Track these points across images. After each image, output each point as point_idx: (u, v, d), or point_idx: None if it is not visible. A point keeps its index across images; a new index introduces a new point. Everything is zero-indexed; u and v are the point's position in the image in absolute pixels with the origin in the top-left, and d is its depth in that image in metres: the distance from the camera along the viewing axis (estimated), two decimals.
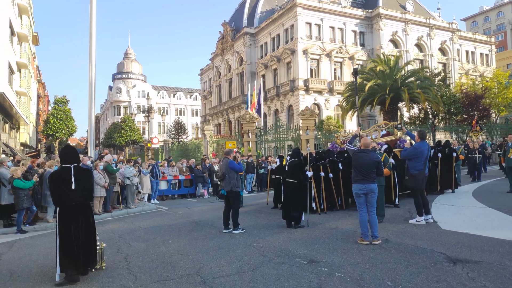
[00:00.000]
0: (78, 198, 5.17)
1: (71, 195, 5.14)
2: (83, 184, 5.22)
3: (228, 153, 8.54)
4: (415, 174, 7.71)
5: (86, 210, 5.34)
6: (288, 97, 40.28)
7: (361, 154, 6.53)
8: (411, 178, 7.82)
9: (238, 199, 8.23)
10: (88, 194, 5.33)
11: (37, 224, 9.80)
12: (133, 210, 12.19)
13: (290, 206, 8.05)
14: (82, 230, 5.18)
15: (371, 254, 5.71)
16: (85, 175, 5.35)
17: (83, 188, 5.22)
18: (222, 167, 8.28)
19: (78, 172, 5.26)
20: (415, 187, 7.77)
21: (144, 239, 7.63)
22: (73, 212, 5.18)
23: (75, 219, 5.17)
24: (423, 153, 7.74)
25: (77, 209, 5.21)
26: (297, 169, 8.19)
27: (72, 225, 5.13)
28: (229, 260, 5.75)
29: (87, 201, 5.35)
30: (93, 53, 14.64)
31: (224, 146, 27.98)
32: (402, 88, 26.50)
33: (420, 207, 7.76)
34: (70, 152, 5.42)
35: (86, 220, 5.29)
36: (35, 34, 44.33)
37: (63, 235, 5.12)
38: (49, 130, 38.26)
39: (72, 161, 5.32)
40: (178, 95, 79.83)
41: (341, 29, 41.65)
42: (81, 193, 5.20)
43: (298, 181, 8.12)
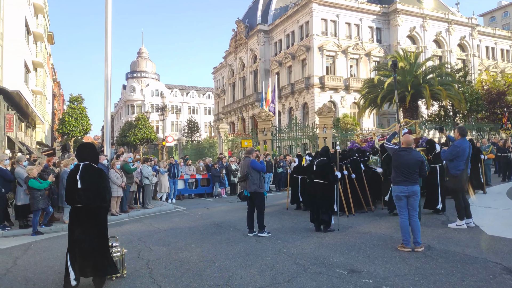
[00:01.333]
0: (84, 199, 4.72)
1: (77, 195, 4.73)
2: (90, 184, 4.75)
3: (250, 152, 8.07)
4: (457, 175, 7.11)
5: (96, 214, 4.83)
6: (303, 94, 39.65)
7: (403, 153, 5.98)
8: (452, 179, 7.21)
9: (263, 200, 7.73)
10: (95, 195, 4.75)
11: (54, 225, 9.48)
12: (151, 210, 11.82)
13: (319, 209, 7.53)
14: (86, 235, 4.70)
15: (417, 264, 5.17)
16: (94, 174, 4.85)
17: (90, 189, 4.74)
18: (243, 167, 7.82)
19: (86, 171, 4.81)
20: (458, 189, 7.16)
21: (165, 243, 7.21)
22: (80, 214, 4.75)
23: (81, 221, 4.73)
24: (464, 151, 7.12)
25: (85, 211, 4.75)
26: (326, 169, 7.66)
27: (75, 229, 4.71)
28: (260, 269, 5.28)
29: (95, 203, 4.77)
30: (109, 50, 14.34)
31: (239, 144, 27.55)
32: (423, 85, 25.72)
33: (461, 210, 7.18)
34: (82, 150, 5.05)
35: (95, 224, 4.79)
36: (50, 33, 44.57)
37: (69, 237, 4.77)
38: (64, 129, 38.38)
39: (84, 159, 4.92)
40: (191, 93, 79.79)
41: (357, 25, 40.82)
42: (88, 193, 4.72)
43: (328, 182, 7.60)
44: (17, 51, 25.65)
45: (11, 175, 9.04)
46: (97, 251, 4.74)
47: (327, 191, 7.62)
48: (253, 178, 7.58)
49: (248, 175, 7.61)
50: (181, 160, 15.95)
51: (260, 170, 7.70)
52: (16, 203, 9.04)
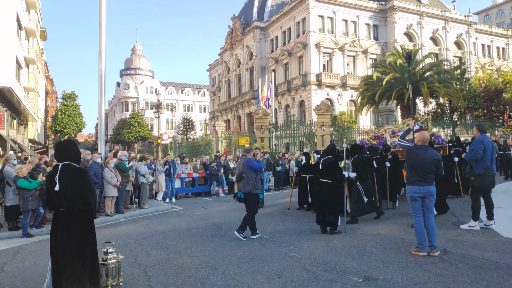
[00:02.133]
0: (64, 203, 4.18)
1: (56, 199, 4.19)
2: (69, 186, 4.20)
3: (248, 151, 7.62)
4: (482, 173, 6.67)
5: (81, 218, 4.31)
6: (300, 92, 39.28)
7: (419, 151, 5.62)
8: (478, 178, 6.75)
9: (257, 201, 7.31)
10: (76, 198, 4.21)
11: (45, 226, 9.02)
12: (147, 210, 11.40)
13: (326, 210, 7.17)
14: (70, 241, 4.23)
15: (436, 270, 4.82)
16: (74, 175, 4.29)
17: (70, 191, 4.19)
18: (239, 166, 7.39)
19: (65, 172, 4.25)
20: (485, 187, 6.75)
21: (163, 246, 6.82)
22: (61, 219, 4.26)
23: (64, 227, 4.23)
24: (488, 146, 6.67)
25: (67, 216, 4.25)
26: (333, 168, 7.30)
27: (58, 235, 4.23)
28: (267, 276, 4.91)
29: (76, 207, 4.23)
30: (103, 45, 13.87)
31: (236, 142, 27.17)
32: (421, 82, 25.48)
33: (477, 211, 6.83)
34: (60, 149, 4.46)
35: (79, 229, 4.28)
36: (42, 29, 43.78)
37: (51, 245, 4.29)
38: (57, 126, 37.74)
39: (62, 159, 4.35)
40: (186, 91, 79.15)
41: (354, 22, 40.49)
42: (68, 196, 4.17)
43: (335, 182, 7.24)
44: (8, 46, 25.01)
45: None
46: (86, 258, 4.29)
47: (334, 191, 7.25)
48: (248, 178, 7.14)
49: (243, 175, 7.18)
50: (177, 158, 15.52)
51: (257, 169, 7.25)
52: (5, 203, 8.58)
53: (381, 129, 14.97)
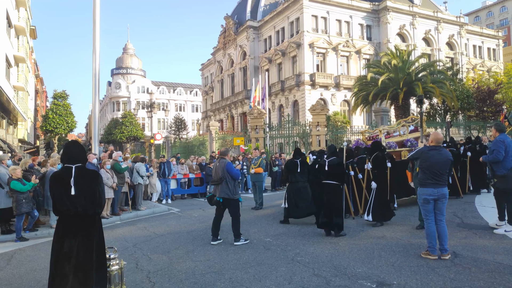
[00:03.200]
0: (78, 207, 3.97)
1: (69, 203, 3.95)
2: (86, 190, 4.01)
3: (225, 153, 7.40)
4: (505, 174, 6.46)
5: (90, 224, 4.09)
6: (294, 92, 39.20)
7: (433, 152, 5.48)
8: (502, 180, 6.52)
9: (238, 207, 7.03)
10: (92, 202, 4.04)
11: (39, 229, 8.76)
12: (143, 212, 11.16)
13: (333, 212, 7.01)
14: (80, 248, 4.01)
15: (450, 274, 4.70)
16: (90, 178, 4.10)
17: (86, 195, 4.00)
18: (218, 170, 7.06)
19: (81, 175, 4.04)
20: (509, 188, 6.50)
21: (164, 250, 6.61)
22: (71, 225, 4.00)
23: (72, 233, 3.98)
24: (510, 146, 6.44)
25: (77, 221, 4.01)
26: (341, 169, 7.17)
27: (65, 241, 3.96)
28: (277, 282, 4.74)
29: (92, 211, 4.06)
30: (97, 43, 13.56)
31: (231, 142, 26.96)
32: (415, 82, 25.52)
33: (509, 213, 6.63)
34: (73, 149, 4.18)
35: (89, 235, 4.05)
36: (32, 27, 43.09)
37: (54, 252, 4.00)
38: (48, 126, 37.06)
39: (76, 161, 4.10)
40: (178, 90, 78.62)
41: (347, 22, 40.54)
42: (83, 200, 3.97)
43: (340, 183, 7.11)
44: None
45: None
46: (96, 265, 4.08)
47: (339, 193, 7.12)
48: (228, 183, 6.91)
49: (223, 179, 6.91)
50: (173, 159, 15.27)
51: (234, 177, 7.00)
52: None
53: (376, 129, 14.92)
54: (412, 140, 11.47)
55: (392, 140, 11.93)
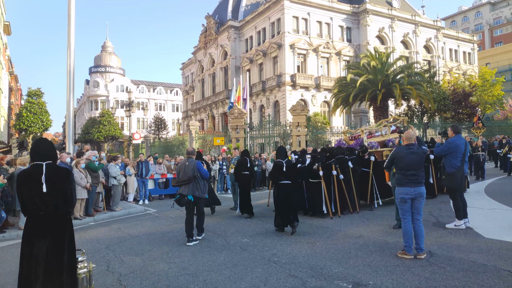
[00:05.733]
0: (49, 206, 3.80)
1: (40, 201, 3.77)
2: (57, 188, 3.85)
3: (193, 153, 7.52)
4: (451, 172, 6.86)
5: (61, 223, 3.91)
6: (275, 92, 39.24)
7: (407, 152, 5.50)
8: (447, 177, 7.01)
9: (204, 205, 7.49)
10: (64, 201, 3.88)
11: (7, 231, 8.40)
12: (119, 213, 10.87)
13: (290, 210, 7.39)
14: (50, 250, 3.84)
15: (425, 274, 4.70)
16: (62, 175, 3.94)
17: (57, 193, 3.84)
18: (188, 169, 7.08)
19: (52, 172, 3.88)
20: (453, 187, 6.93)
21: (138, 252, 6.41)
22: (41, 224, 3.81)
23: (42, 234, 3.79)
24: (458, 147, 6.87)
25: (48, 221, 3.83)
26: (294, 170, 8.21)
27: (36, 243, 3.77)
28: (252, 283, 4.63)
29: (63, 210, 3.90)
30: (72, 38, 13.20)
31: (211, 142, 26.74)
32: (393, 84, 25.91)
33: (459, 210, 6.89)
34: (43, 146, 4.01)
35: (60, 236, 3.88)
36: (6, 23, 41.75)
37: (24, 253, 3.80)
38: (21, 124, 35.90)
39: (45, 158, 3.93)
40: (158, 89, 77.67)
41: (328, 24, 40.85)
42: (54, 199, 3.81)
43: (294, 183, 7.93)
44: None
45: None
46: (67, 268, 3.88)
47: (294, 191, 7.86)
48: (199, 182, 7.10)
49: (196, 178, 7.04)
50: (150, 158, 14.99)
51: (204, 176, 7.22)
52: None
53: (358, 129, 15.01)
54: (393, 140, 11.58)
55: (374, 140, 12.02)
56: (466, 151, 6.94)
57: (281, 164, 7.60)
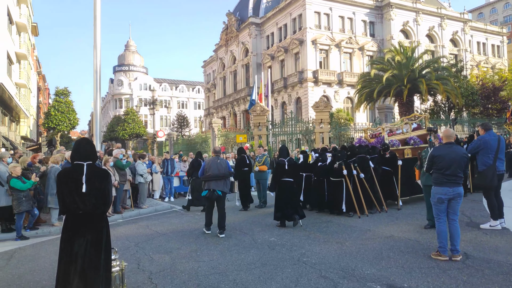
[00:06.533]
0: (88, 205, 3.88)
1: (79, 201, 3.86)
2: (96, 188, 3.93)
3: (219, 152, 8.10)
4: (482, 170, 6.63)
5: (99, 222, 4.02)
6: (296, 89, 38.98)
7: (447, 150, 5.29)
8: (478, 175, 6.79)
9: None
10: (102, 201, 3.97)
11: (40, 228, 8.64)
12: (146, 210, 11.03)
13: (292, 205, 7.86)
14: (89, 248, 3.93)
15: (463, 277, 4.54)
16: (101, 176, 4.02)
17: (96, 193, 3.92)
18: (220, 167, 7.56)
19: (92, 172, 3.95)
20: (483, 185, 6.70)
21: (166, 250, 6.47)
22: (80, 223, 3.91)
23: (81, 232, 3.90)
24: (488, 144, 6.60)
25: (87, 220, 3.92)
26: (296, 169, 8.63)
27: (76, 241, 3.88)
28: (283, 284, 4.59)
29: (101, 210, 4.00)
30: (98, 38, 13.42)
31: (233, 139, 26.81)
32: (420, 79, 25.29)
33: (495, 210, 6.64)
34: (85, 147, 4.06)
35: (98, 234, 3.99)
36: (34, 24, 42.96)
37: (63, 251, 3.91)
38: (50, 123, 36.99)
39: (87, 158, 3.99)
40: (180, 87, 78.43)
41: (350, 19, 40.22)
42: (93, 199, 3.89)
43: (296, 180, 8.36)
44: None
45: None
46: (102, 267, 3.96)
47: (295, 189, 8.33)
48: (227, 179, 7.63)
49: (231, 175, 7.78)
50: (176, 156, 15.14)
51: (231, 172, 8.00)
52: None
53: (379, 127, 14.71)
54: (415, 138, 11.29)
55: (395, 138, 11.76)
56: (500, 148, 6.65)
57: (283, 162, 7.99)
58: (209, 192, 7.42)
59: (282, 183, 7.97)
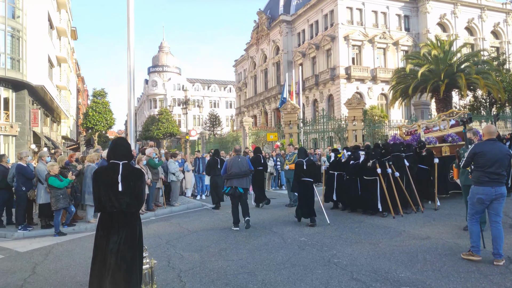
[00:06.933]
0: (123, 204, 3.95)
1: (115, 199, 3.93)
2: (131, 187, 3.99)
3: (240, 151, 8.73)
4: None
5: (132, 220, 4.09)
6: (328, 86, 38.40)
7: (489, 147, 4.97)
8: None
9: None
10: (136, 200, 4.04)
11: (77, 224, 8.95)
12: (178, 208, 11.19)
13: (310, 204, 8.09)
14: (123, 245, 4.00)
15: (506, 283, 4.25)
16: (136, 176, 4.08)
17: (131, 192, 3.98)
18: (242, 165, 8.12)
19: (128, 171, 4.03)
20: None
21: (196, 248, 6.50)
22: (114, 221, 3.98)
23: (115, 230, 3.96)
24: None
25: (121, 218, 3.99)
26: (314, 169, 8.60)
27: (110, 238, 3.94)
28: (312, 285, 4.47)
29: (134, 209, 4.06)
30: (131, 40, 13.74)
31: (264, 138, 26.77)
32: (458, 74, 24.21)
33: None
34: (120, 146, 4.14)
35: (131, 232, 4.08)
36: (73, 28, 44.75)
37: (98, 247, 4.00)
38: (88, 123, 38.45)
39: (123, 157, 4.07)
40: (212, 87, 79.36)
41: (384, 13, 39.13)
42: (128, 198, 3.96)
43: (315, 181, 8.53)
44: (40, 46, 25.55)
45: (31, 173, 8.53)
46: (134, 264, 4.03)
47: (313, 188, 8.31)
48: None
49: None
50: (207, 155, 15.27)
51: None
52: (37, 201, 8.53)
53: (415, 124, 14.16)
54: (453, 135, 10.78)
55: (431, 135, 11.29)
56: None
57: (301, 163, 8.37)
58: (231, 189, 8.00)
59: (302, 182, 8.33)
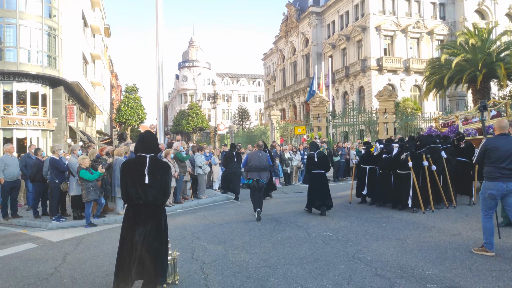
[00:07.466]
0: (149, 196, 4.07)
1: (141, 191, 4.05)
2: (158, 180, 4.11)
3: (262, 146, 8.95)
4: None
5: (158, 212, 4.21)
6: (359, 78, 37.57)
7: (501, 142, 4.81)
8: None
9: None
10: (162, 193, 4.16)
11: (107, 216, 9.22)
12: (204, 201, 11.32)
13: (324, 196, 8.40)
14: (149, 236, 4.09)
15: None
16: (162, 169, 4.21)
17: (158, 185, 4.10)
18: (262, 159, 8.41)
19: (154, 164, 4.16)
20: None
21: (220, 240, 6.54)
22: (141, 213, 4.11)
23: (142, 221, 4.09)
24: None
25: (147, 210, 4.11)
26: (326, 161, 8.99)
27: (136, 229, 4.07)
28: (335, 281, 4.39)
29: (160, 201, 4.19)
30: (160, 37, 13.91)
31: (292, 131, 26.59)
32: (497, 63, 23.00)
33: None
34: (147, 139, 4.28)
35: (157, 224, 4.18)
36: (106, 26, 45.96)
37: (124, 238, 4.12)
38: (121, 118, 39.56)
39: (150, 150, 4.20)
40: (241, 81, 79.51)
41: (418, 2, 37.71)
42: (154, 190, 4.08)
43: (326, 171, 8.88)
44: (75, 43, 26.41)
45: (64, 166, 8.85)
46: (159, 255, 4.13)
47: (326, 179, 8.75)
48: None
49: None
50: None
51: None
52: (69, 193, 8.86)
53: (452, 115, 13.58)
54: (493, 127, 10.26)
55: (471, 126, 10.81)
56: None
57: (312, 156, 8.75)
58: (253, 181, 8.41)
59: (313, 174, 8.73)
